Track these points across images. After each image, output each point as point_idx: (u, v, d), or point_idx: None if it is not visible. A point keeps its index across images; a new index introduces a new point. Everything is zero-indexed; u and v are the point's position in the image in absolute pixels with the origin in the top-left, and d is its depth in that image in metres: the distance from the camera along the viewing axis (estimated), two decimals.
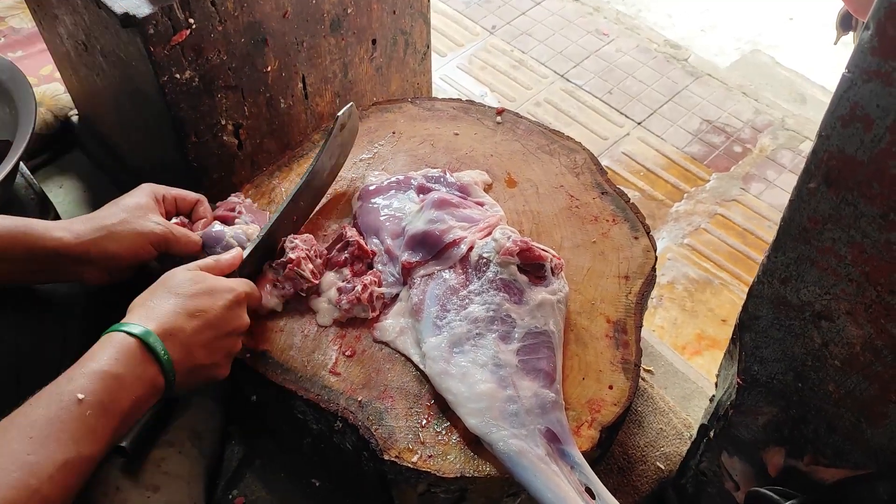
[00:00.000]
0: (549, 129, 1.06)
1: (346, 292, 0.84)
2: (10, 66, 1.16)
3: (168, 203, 0.88)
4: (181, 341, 0.69)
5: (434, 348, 0.78)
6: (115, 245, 0.80)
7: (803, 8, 2.28)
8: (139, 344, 0.66)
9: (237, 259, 0.81)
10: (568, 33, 2.19)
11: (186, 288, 0.72)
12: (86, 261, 0.79)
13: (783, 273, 0.63)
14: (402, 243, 0.87)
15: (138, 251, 0.81)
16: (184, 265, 0.77)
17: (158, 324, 0.68)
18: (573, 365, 0.81)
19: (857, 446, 0.67)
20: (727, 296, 1.57)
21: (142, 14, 0.91)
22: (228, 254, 0.81)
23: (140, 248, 0.81)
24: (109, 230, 0.80)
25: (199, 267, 0.77)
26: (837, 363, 0.63)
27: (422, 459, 0.74)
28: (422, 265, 0.85)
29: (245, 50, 1.04)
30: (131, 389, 0.65)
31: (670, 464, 1.02)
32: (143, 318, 0.69)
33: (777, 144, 1.88)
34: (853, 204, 0.54)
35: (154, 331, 0.67)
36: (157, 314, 0.69)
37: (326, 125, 1.07)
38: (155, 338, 0.67)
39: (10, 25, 1.74)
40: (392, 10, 1.22)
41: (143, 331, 0.67)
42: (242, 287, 0.77)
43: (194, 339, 0.70)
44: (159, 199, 0.86)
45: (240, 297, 0.76)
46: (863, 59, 0.49)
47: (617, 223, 0.94)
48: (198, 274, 0.75)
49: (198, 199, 0.91)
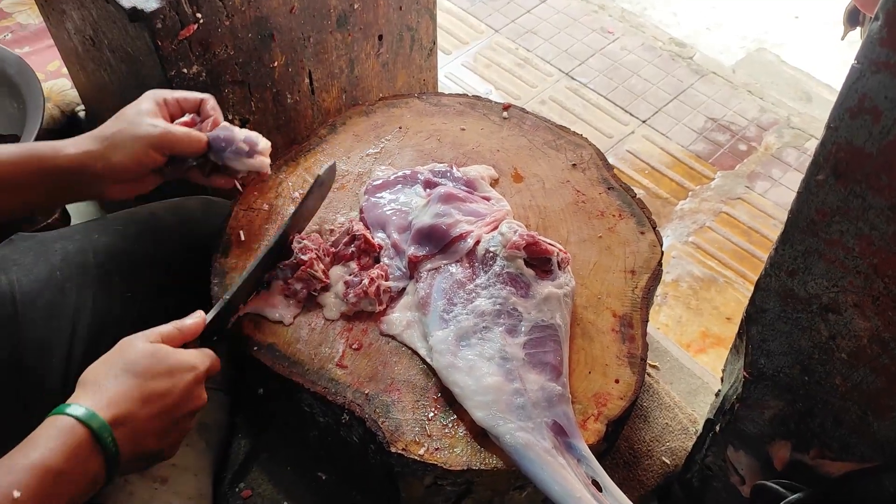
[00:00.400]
0: (555, 125, 1.07)
1: (354, 286, 0.84)
2: (18, 62, 1.17)
3: (171, 106, 0.84)
4: (132, 430, 0.63)
5: (441, 342, 0.78)
6: (119, 154, 0.77)
7: (809, 6, 2.27)
8: (87, 434, 0.60)
9: (200, 325, 0.75)
10: (573, 31, 2.18)
11: (144, 366, 0.66)
12: (96, 175, 0.77)
13: (791, 265, 0.63)
14: (409, 237, 0.87)
15: (142, 158, 0.78)
16: (143, 333, 0.70)
17: (110, 410, 0.62)
18: (579, 359, 0.82)
19: (864, 439, 0.67)
20: (732, 294, 1.57)
21: (150, 8, 0.91)
22: (191, 318, 0.74)
23: (142, 154, 0.78)
24: (110, 140, 0.78)
25: (160, 335, 0.70)
26: (844, 356, 0.63)
27: (428, 452, 0.74)
28: (428, 259, 0.85)
29: (252, 45, 1.04)
30: (72, 484, 0.60)
31: (676, 458, 1.02)
32: (95, 400, 0.63)
33: (782, 143, 1.87)
34: (861, 196, 0.54)
35: (105, 418, 0.61)
36: (110, 397, 0.63)
37: (333, 120, 1.07)
38: (105, 427, 0.61)
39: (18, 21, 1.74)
40: (398, 6, 1.22)
41: (93, 418, 0.61)
42: (203, 363, 0.71)
43: (146, 427, 0.65)
44: (161, 103, 0.83)
45: (199, 377, 0.70)
46: (872, 50, 0.49)
47: (623, 218, 0.94)
48: (158, 349, 0.68)
49: (203, 97, 0.87)
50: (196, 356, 0.71)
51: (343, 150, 1.03)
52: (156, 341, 0.69)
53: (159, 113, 0.81)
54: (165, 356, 0.67)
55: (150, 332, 0.70)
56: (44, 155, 0.76)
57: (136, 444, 0.64)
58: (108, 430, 0.61)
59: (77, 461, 0.60)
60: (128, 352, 0.67)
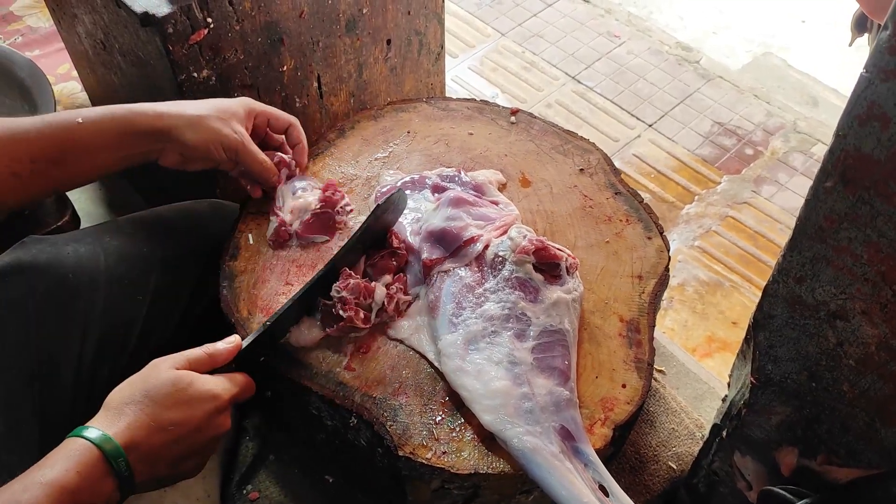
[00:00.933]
0: (563, 130, 1.07)
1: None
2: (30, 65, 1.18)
3: (260, 119, 0.90)
4: (147, 455, 0.65)
5: (449, 345, 0.79)
6: (192, 135, 0.82)
7: (816, 10, 2.27)
8: (100, 456, 0.62)
9: (232, 352, 0.74)
10: (579, 35, 2.19)
11: (164, 393, 0.67)
12: (164, 139, 0.82)
13: (798, 272, 0.63)
14: (419, 240, 0.88)
15: (210, 149, 0.83)
16: (173, 357, 0.71)
17: (125, 436, 0.63)
18: (587, 363, 0.82)
19: (871, 446, 0.67)
20: (738, 298, 1.57)
21: (161, 13, 0.92)
22: (224, 343, 0.74)
23: (213, 147, 0.83)
24: (190, 120, 0.82)
25: (188, 361, 0.70)
26: (852, 363, 0.64)
27: (436, 456, 0.75)
28: (439, 262, 0.85)
29: (262, 49, 1.05)
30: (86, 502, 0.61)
31: (682, 463, 1.02)
32: (112, 424, 0.64)
33: (789, 147, 1.87)
34: (870, 203, 0.55)
35: (120, 442, 0.63)
36: (129, 423, 0.64)
37: (341, 124, 1.07)
38: (118, 451, 0.63)
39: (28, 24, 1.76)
40: (407, 11, 1.23)
41: (107, 441, 0.62)
42: (229, 391, 0.71)
43: (161, 453, 0.66)
44: (250, 114, 0.88)
45: (222, 406, 0.70)
46: (881, 58, 0.49)
47: (630, 223, 0.95)
48: (181, 376, 0.68)
49: (291, 121, 0.93)
50: (220, 384, 0.71)
51: (352, 154, 1.04)
52: (182, 367, 0.70)
53: (245, 121, 0.87)
54: (188, 385, 0.68)
55: (179, 357, 0.71)
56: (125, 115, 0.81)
57: (151, 468, 0.66)
58: (122, 454, 0.63)
59: (91, 481, 0.61)
60: (152, 377, 0.68)
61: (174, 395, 0.67)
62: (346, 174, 1.01)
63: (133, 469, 0.63)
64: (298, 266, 0.90)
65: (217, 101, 0.86)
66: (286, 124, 0.93)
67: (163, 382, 0.67)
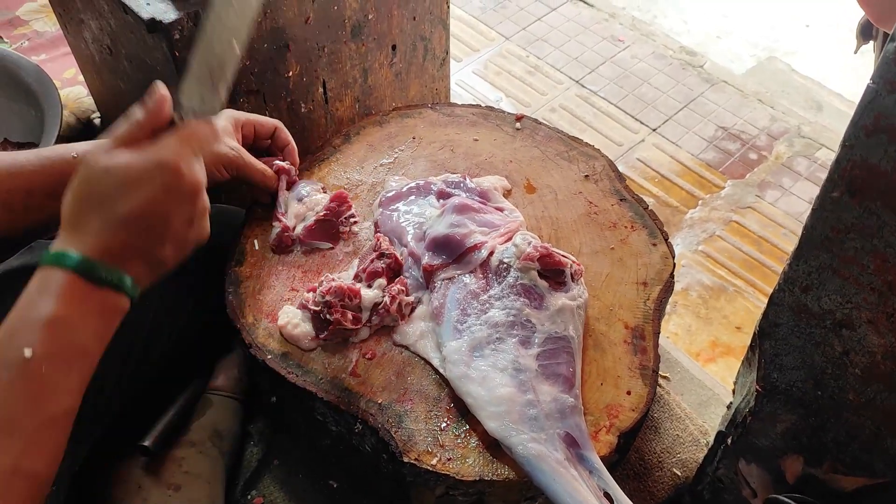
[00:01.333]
0: (567, 136, 1.07)
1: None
2: (36, 70, 1.19)
3: (246, 128, 0.90)
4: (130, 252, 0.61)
5: (454, 352, 0.79)
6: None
7: (820, 15, 2.27)
8: (76, 277, 0.58)
9: (160, 106, 0.65)
10: (583, 39, 2.19)
11: (104, 188, 0.61)
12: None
13: (804, 281, 0.63)
14: (424, 247, 0.88)
15: (213, 172, 0.82)
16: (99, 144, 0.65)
17: (95, 246, 0.59)
18: (591, 370, 0.82)
19: (877, 455, 0.67)
20: (742, 303, 1.57)
21: (168, 19, 0.93)
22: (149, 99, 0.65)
23: (215, 170, 0.83)
24: None
25: (115, 140, 0.63)
26: (858, 371, 0.64)
27: (441, 462, 0.75)
28: (443, 269, 0.85)
29: (267, 55, 1.05)
30: (84, 326, 0.58)
31: (687, 470, 1.02)
32: (77, 241, 0.60)
33: (793, 152, 1.87)
34: (876, 213, 0.55)
35: (93, 256, 0.58)
36: (90, 233, 0.60)
37: (347, 130, 1.08)
38: (93, 265, 0.58)
39: (35, 29, 1.76)
40: (412, 17, 1.23)
41: (81, 261, 0.58)
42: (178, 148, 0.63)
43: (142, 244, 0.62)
44: (237, 125, 0.88)
45: (175, 167, 0.62)
46: (888, 70, 0.49)
47: (635, 230, 0.95)
48: (111, 163, 0.61)
49: (275, 125, 0.93)
50: (166, 147, 0.63)
51: (357, 159, 1.04)
52: (111, 149, 0.62)
53: (234, 134, 0.86)
54: (123, 166, 0.61)
55: (106, 142, 0.64)
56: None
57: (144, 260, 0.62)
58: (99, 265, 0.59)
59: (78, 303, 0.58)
60: (88, 177, 0.62)
61: (114, 186, 0.60)
62: (351, 180, 1.01)
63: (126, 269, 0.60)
64: (304, 272, 0.90)
65: None
66: (272, 128, 0.93)
67: (98, 176, 0.61)
